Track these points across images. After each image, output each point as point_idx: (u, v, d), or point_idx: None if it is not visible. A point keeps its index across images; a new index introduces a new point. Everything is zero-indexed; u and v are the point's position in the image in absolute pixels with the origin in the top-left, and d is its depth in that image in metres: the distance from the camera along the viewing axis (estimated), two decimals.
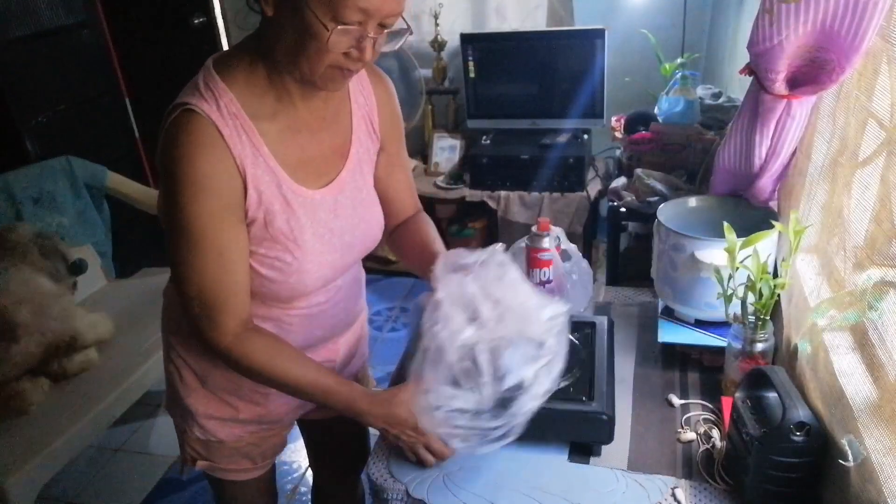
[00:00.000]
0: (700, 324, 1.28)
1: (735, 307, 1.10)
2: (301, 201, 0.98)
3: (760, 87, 1.21)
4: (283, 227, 0.97)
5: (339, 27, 0.82)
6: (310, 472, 2.09)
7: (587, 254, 2.87)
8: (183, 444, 1.21)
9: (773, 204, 1.34)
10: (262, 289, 1.01)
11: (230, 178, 0.91)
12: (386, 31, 0.88)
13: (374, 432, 1.10)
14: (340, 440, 1.41)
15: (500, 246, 1.00)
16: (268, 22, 0.89)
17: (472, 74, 2.97)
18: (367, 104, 1.08)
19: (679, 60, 2.31)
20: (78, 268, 2.09)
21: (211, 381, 1.12)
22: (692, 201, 1.40)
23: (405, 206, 1.20)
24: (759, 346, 1.08)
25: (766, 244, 1.11)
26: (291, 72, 0.91)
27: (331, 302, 1.11)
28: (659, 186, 1.88)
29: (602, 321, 1.25)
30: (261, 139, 0.93)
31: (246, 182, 0.93)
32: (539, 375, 0.90)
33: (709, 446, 1.06)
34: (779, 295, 1.10)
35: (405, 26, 0.91)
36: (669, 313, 1.33)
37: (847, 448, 0.81)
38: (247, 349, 0.99)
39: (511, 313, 0.90)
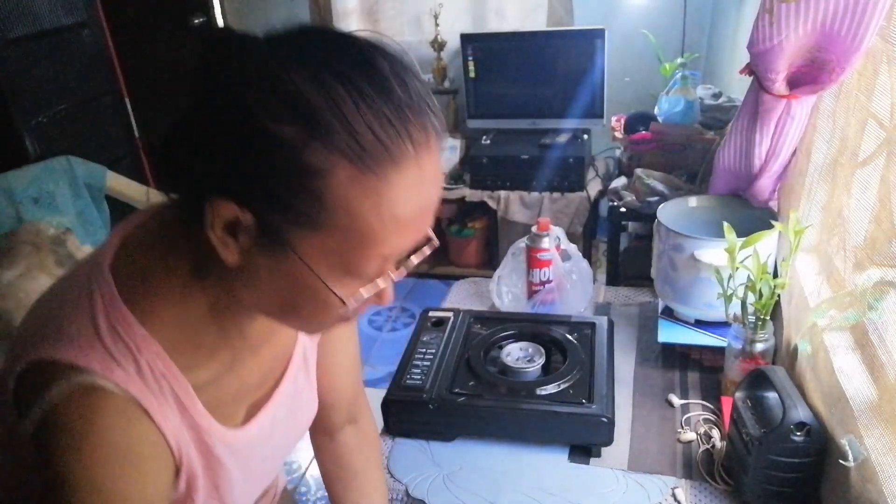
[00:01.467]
0: (700, 324, 1.28)
1: (735, 307, 1.10)
2: (230, 446, 0.70)
3: (760, 87, 1.21)
4: (207, 486, 0.68)
5: (361, 291, 0.58)
6: (310, 472, 2.09)
7: (587, 254, 2.87)
8: None
9: (773, 204, 1.34)
10: None
11: (160, 472, 0.61)
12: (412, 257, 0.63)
13: None
14: None
15: None
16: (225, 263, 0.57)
17: (472, 74, 2.97)
18: None
19: (679, 60, 2.31)
20: None
21: None
22: (692, 201, 1.40)
23: (342, 398, 0.90)
24: (759, 346, 1.08)
25: (766, 244, 1.11)
26: (267, 315, 0.64)
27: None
28: (659, 186, 1.88)
29: (602, 321, 1.25)
30: (194, 397, 0.63)
31: (180, 462, 0.64)
32: None
33: (709, 446, 1.06)
34: (779, 295, 1.10)
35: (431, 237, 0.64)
36: (669, 313, 1.33)
37: (847, 448, 0.81)
38: None
39: None
